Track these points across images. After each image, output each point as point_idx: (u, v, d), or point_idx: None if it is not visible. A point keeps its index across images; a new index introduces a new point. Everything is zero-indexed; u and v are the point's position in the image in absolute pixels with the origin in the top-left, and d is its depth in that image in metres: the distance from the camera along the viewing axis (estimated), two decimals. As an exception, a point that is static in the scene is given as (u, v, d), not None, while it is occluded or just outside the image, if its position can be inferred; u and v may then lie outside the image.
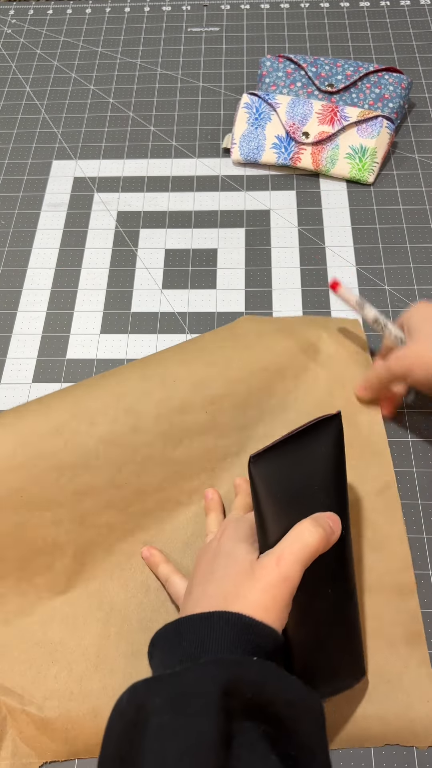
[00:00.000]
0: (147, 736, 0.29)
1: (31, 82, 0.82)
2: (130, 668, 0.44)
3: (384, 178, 0.71)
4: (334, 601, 0.41)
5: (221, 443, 0.52)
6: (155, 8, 0.89)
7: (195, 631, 0.35)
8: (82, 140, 0.76)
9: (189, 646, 0.34)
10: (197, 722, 0.29)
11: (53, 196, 0.72)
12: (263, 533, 0.41)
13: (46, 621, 0.46)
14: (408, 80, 0.72)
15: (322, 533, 0.38)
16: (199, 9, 0.88)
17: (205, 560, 0.42)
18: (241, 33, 0.85)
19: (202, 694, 0.30)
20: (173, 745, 0.28)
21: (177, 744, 0.28)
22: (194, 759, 0.27)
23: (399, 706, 0.43)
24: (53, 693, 0.43)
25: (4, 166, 0.74)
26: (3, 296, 0.64)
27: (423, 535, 0.49)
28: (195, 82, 0.81)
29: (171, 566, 0.47)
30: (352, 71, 0.72)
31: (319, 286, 0.63)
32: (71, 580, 0.47)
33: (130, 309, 0.63)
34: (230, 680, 0.30)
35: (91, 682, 0.44)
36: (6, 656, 0.45)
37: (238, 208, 0.69)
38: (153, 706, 0.30)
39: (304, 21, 0.85)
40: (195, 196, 0.71)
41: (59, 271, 0.66)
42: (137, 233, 0.68)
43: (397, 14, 0.85)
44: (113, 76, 0.82)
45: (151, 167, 0.73)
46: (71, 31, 0.87)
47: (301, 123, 0.68)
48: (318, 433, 0.42)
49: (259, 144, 0.70)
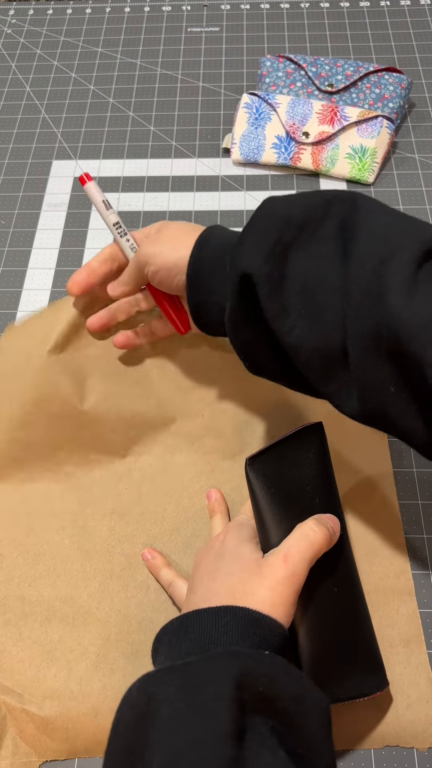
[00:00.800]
0: (156, 726, 0.29)
1: (31, 82, 0.82)
2: (130, 668, 0.44)
3: (384, 178, 0.71)
4: (339, 600, 0.41)
5: (220, 445, 0.52)
6: (155, 8, 0.89)
7: (203, 626, 0.35)
8: (82, 140, 0.76)
9: (197, 639, 0.35)
10: (211, 712, 0.29)
11: (53, 196, 0.72)
12: (264, 533, 0.41)
13: (45, 620, 0.46)
14: (408, 80, 0.72)
15: (326, 532, 0.39)
16: (199, 9, 0.88)
17: (207, 559, 0.42)
18: (241, 33, 0.85)
19: (216, 684, 0.30)
20: (185, 735, 0.28)
21: (189, 733, 0.28)
22: (207, 749, 0.27)
23: (398, 707, 0.43)
24: (53, 692, 0.43)
25: (4, 166, 0.74)
26: (3, 296, 0.64)
27: (423, 535, 0.49)
28: (195, 82, 0.81)
29: (173, 570, 0.47)
30: (352, 71, 0.72)
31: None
32: (72, 581, 0.48)
33: (130, 309, 0.63)
34: (242, 673, 0.30)
35: (91, 681, 0.44)
36: (5, 655, 0.45)
37: (238, 208, 0.69)
38: (166, 694, 0.30)
39: (304, 21, 0.85)
40: (195, 196, 0.71)
41: (59, 271, 0.66)
42: (137, 233, 0.68)
43: (397, 14, 0.85)
44: (113, 76, 0.82)
45: (151, 167, 0.73)
46: (71, 31, 0.87)
47: (301, 123, 0.68)
48: (302, 439, 0.44)
49: (259, 144, 0.70)
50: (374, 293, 0.33)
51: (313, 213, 0.37)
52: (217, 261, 0.41)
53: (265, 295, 0.36)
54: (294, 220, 0.37)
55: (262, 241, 0.37)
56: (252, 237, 0.38)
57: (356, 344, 0.34)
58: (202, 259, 0.41)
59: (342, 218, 0.36)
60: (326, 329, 0.35)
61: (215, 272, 0.41)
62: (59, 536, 0.49)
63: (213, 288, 0.41)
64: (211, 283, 0.41)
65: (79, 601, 0.47)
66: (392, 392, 0.33)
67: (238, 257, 0.38)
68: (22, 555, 0.48)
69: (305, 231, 0.36)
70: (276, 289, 0.36)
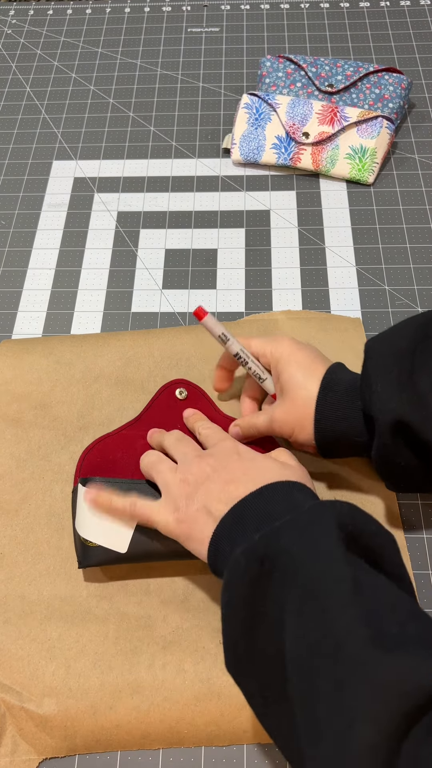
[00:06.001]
0: (276, 577, 0.31)
1: (31, 82, 0.82)
2: (129, 665, 0.44)
3: (384, 179, 0.71)
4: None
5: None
6: (155, 8, 0.89)
7: (257, 508, 0.37)
8: (82, 140, 0.76)
9: (257, 520, 0.36)
10: (324, 546, 0.31)
11: (53, 196, 0.72)
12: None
13: (45, 618, 0.46)
14: (408, 80, 0.72)
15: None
16: (199, 9, 0.88)
17: (188, 484, 0.41)
18: (241, 33, 0.85)
19: (321, 527, 0.32)
20: (307, 570, 0.30)
21: (312, 568, 0.30)
22: (331, 574, 0.30)
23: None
24: (51, 690, 0.43)
25: (5, 166, 0.74)
26: (3, 296, 0.65)
27: (423, 535, 0.50)
28: (195, 82, 0.81)
29: (122, 496, 0.44)
30: (352, 71, 0.72)
31: (319, 286, 0.63)
32: (72, 580, 0.48)
33: (131, 309, 0.63)
34: (335, 515, 0.33)
35: (89, 679, 0.44)
36: (4, 653, 0.45)
37: (238, 208, 0.70)
38: (277, 548, 0.32)
39: (304, 21, 0.85)
40: (195, 197, 0.71)
41: (59, 271, 0.66)
42: (137, 233, 0.68)
43: (397, 14, 0.85)
44: (113, 77, 0.82)
45: (151, 167, 0.73)
46: (71, 32, 0.87)
47: (301, 123, 0.68)
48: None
49: (259, 144, 0.70)
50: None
51: (418, 336, 0.41)
52: (344, 411, 0.45)
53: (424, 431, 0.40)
54: (406, 348, 0.41)
55: (388, 378, 0.41)
56: (377, 381, 0.41)
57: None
58: (328, 416, 0.45)
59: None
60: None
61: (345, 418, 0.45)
62: (59, 535, 0.49)
63: (344, 430, 0.45)
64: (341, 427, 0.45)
65: (79, 600, 0.47)
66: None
67: (378, 405, 0.41)
68: (22, 554, 0.49)
69: (417, 354, 0.40)
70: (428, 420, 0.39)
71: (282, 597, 0.31)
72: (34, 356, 0.57)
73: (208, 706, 0.43)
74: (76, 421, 0.54)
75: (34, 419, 0.54)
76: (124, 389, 0.55)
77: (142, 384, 0.55)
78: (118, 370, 0.56)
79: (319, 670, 0.28)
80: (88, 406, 0.54)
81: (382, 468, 0.44)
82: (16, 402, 0.55)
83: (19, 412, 0.54)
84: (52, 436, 0.53)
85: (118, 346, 0.57)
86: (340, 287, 0.63)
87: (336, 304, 0.62)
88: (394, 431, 0.40)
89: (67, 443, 0.53)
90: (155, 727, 0.42)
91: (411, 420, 0.39)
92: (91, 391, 0.55)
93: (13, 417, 0.54)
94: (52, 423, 0.54)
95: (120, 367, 0.56)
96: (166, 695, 0.43)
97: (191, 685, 0.43)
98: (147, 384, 0.55)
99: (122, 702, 0.43)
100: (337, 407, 0.45)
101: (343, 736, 0.25)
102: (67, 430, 0.53)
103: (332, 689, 0.27)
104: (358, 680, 0.26)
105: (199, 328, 0.58)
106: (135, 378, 0.55)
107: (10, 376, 0.56)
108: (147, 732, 0.42)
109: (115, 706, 0.43)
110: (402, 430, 0.40)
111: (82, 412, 0.54)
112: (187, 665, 0.44)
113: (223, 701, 0.43)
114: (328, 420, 0.45)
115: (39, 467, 0.52)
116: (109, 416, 0.53)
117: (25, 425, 0.54)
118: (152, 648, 0.45)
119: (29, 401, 0.55)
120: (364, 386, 0.42)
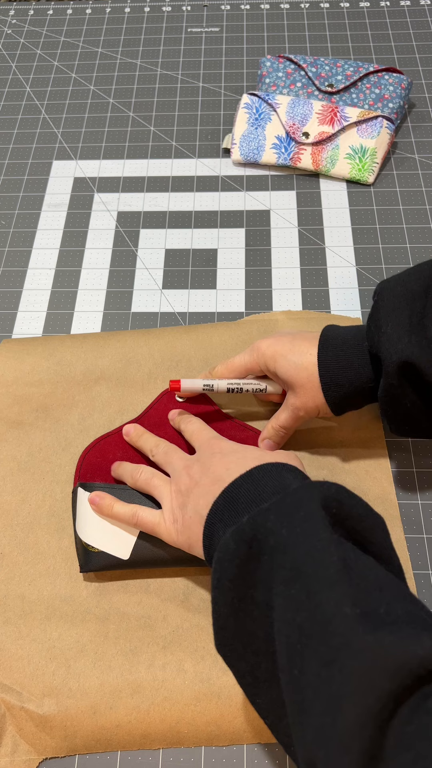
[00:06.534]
0: (264, 559, 0.32)
1: (31, 82, 0.82)
2: (128, 665, 0.44)
3: (384, 179, 0.71)
4: None
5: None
6: (155, 8, 0.89)
7: (247, 489, 0.37)
8: (82, 140, 0.76)
9: (247, 501, 0.36)
10: (311, 527, 0.31)
11: (53, 196, 0.72)
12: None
13: (45, 618, 0.46)
14: (408, 80, 0.72)
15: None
16: (199, 9, 0.88)
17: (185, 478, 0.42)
18: (241, 33, 0.85)
19: (306, 508, 0.32)
20: (295, 551, 0.30)
21: (299, 548, 0.30)
22: (319, 555, 0.30)
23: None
24: (51, 690, 0.43)
25: (5, 166, 0.74)
26: (3, 296, 0.65)
27: (423, 535, 0.50)
28: (195, 82, 0.81)
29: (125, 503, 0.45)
30: (352, 71, 0.72)
31: (319, 286, 0.63)
32: (72, 580, 0.48)
33: (131, 309, 0.63)
34: (321, 497, 0.33)
35: (89, 679, 0.44)
36: (4, 653, 0.45)
37: (238, 208, 0.70)
38: (265, 529, 0.32)
39: (304, 21, 0.85)
40: (195, 197, 0.71)
41: (59, 271, 0.66)
42: (137, 233, 0.68)
43: (397, 14, 0.85)
44: (113, 77, 0.82)
45: (151, 167, 0.73)
46: (71, 32, 0.87)
47: (301, 123, 0.68)
48: None
49: (259, 144, 0.70)
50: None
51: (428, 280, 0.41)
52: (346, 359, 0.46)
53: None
54: (417, 291, 0.42)
55: (399, 319, 0.41)
56: (387, 321, 0.42)
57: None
58: (330, 366, 0.46)
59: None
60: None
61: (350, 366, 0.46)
62: (59, 536, 0.49)
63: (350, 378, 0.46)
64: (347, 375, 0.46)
65: (79, 600, 0.47)
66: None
67: (386, 345, 0.41)
68: (22, 554, 0.49)
69: (430, 297, 0.41)
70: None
71: (270, 578, 0.31)
72: (35, 358, 0.57)
73: (208, 706, 0.43)
74: (77, 423, 0.54)
75: (35, 422, 0.54)
76: (125, 391, 0.55)
77: (143, 385, 0.55)
78: (118, 371, 0.56)
79: (307, 651, 0.28)
80: (89, 409, 0.54)
81: (388, 409, 0.45)
82: (17, 404, 0.55)
83: (20, 415, 0.54)
84: (53, 439, 0.53)
85: (119, 346, 0.57)
86: (340, 287, 0.63)
87: (336, 304, 0.62)
88: (400, 372, 0.41)
89: (67, 445, 0.53)
90: (155, 727, 0.42)
91: (418, 362, 0.40)
92: (92, 393, 0.55)
93: (15, 419, 0.54)
94: (53, 425, 0.54)
95: (120, 368, 0.56)
96: (166, 695, 0.43)
97: (191, 685, 0.43)
98: (147, 385, 0.55)
99: (122, 702, 0.43)
100: (339, 357, 0.45)
101: (332, 715, 0.25)
102: (68, 433, 0.53)
103: (320, 669, 0.27)
104: (346, 660, 0.26)
105: (199, 328, 0.58)
106: (135, 379, 0.55)
107: (11, 378, 0.56)
108: (147, 732, 0.42)
109: (115, 705, 0.43)
110: (408, 372, 0.41)
111: (83, 414, 0.54)
112: (187, 665, 0.44)
113: (223, 701, 0.43)
114: (333, 373, 0.46)
115: (40, 469, 0.52)
116: (109, 419, 0.54)
117: (26, 428, 0.54)
118: (152, 648, 0.45)
119: (30, 404, 0.55)
120: (373, 327, 0.43)
